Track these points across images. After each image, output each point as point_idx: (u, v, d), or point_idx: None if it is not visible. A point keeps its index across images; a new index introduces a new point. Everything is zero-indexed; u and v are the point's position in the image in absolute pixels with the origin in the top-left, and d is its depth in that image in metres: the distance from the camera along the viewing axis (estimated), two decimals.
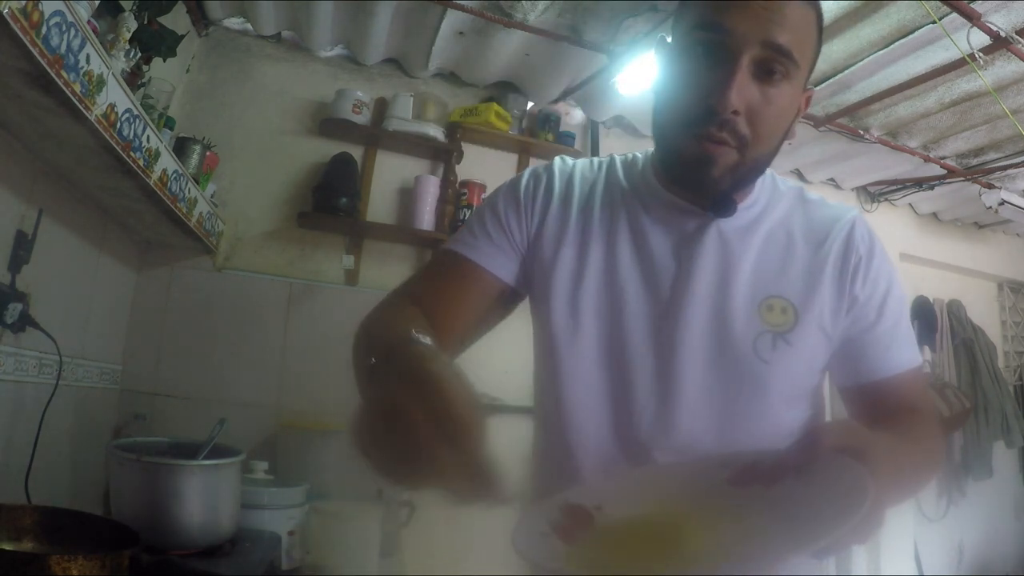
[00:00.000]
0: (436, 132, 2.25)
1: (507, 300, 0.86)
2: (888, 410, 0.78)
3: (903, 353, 0.80)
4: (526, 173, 0.89)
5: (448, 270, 0.84)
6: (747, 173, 0.75)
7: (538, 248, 0.84)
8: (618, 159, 0.91)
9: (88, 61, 0.93)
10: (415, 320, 0.71)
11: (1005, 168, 2.56)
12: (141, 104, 1.22)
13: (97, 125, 1.00)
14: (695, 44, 0.70)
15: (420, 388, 0.46)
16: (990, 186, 2.64)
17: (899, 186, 2.99)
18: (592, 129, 2.58)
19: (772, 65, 0.68)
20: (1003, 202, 2.52)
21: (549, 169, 0.88)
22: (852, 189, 3.08)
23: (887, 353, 0.79)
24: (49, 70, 0.83)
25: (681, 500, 0.60)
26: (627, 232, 0.82)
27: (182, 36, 1.44)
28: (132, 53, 1.27)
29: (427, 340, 0.56)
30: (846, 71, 2.02)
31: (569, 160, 0.91)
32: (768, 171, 0.85)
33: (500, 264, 0.83)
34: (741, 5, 0.67)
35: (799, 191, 0.87)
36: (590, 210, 0.84)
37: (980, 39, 1.72)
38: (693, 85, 0.70)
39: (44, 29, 0.80)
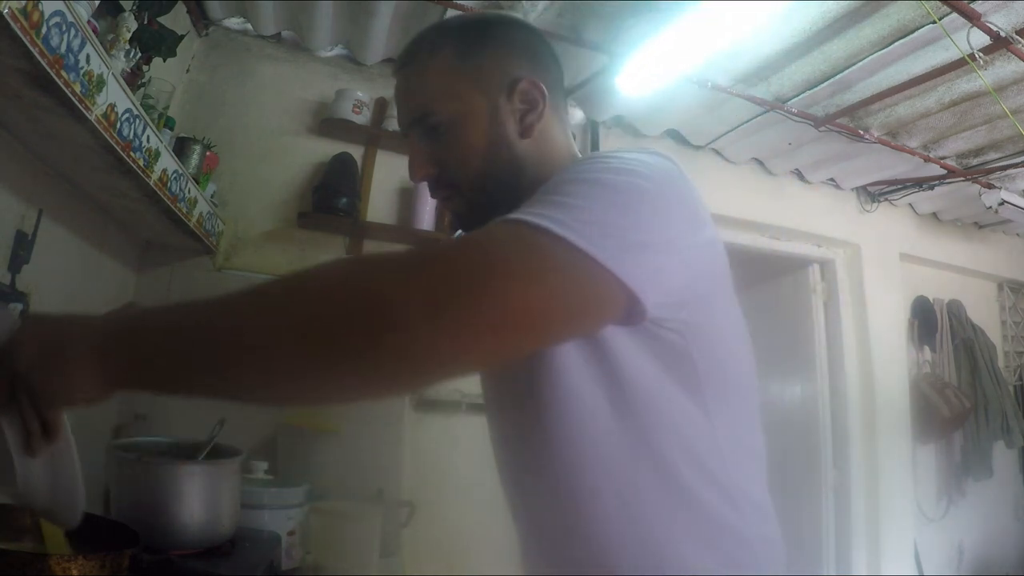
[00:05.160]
0: None
1: None
2: None
3: None
4: None
5: None
6: (490, 198, 0.77)
7: None
8: None
9: (88, 61, 0.93)
10: None
11: (1005, 168, 2.56)
12: (141, 104, 1.22)
13: (97, 125, 1.00)
14: None
15: None
16: (990, 186, 2.64)
17: (899, 186, 2.99)
18: (592, 129, 2.58)
19: (427, 128, 0.77)
20: (1003, 202, 2.52)
21: None
22: (852, 189, 3.08)
23: None
24: (49, 70, 0.83)
25: None
26: None
27: (182, 36, 1.44)
28: (132, 53, 1.27)
29: None
30: (846, 71, 2.02)
31: None
32: None
33: None
34: (399, 102, 0.81)
35: None
36: None
37: (980, 39, 1.72)
38: None
39: (44, 29, 0.80)
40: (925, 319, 3.25)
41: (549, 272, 0.55)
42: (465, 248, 0.58)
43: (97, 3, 1.06)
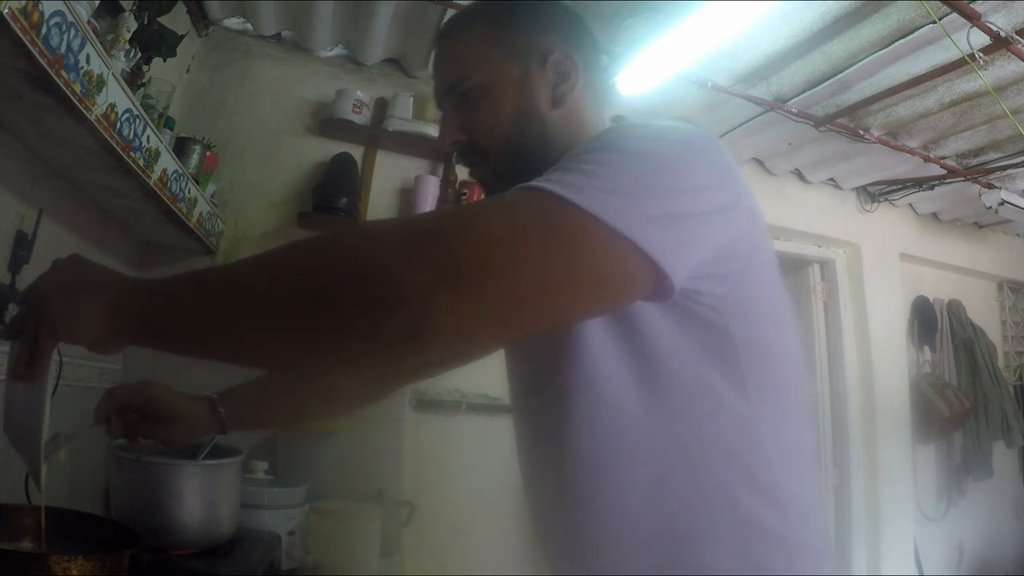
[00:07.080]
0: (436, 132, 2.25)
1: None
2: None
3: None
4: None
5: None
6: (513, 164, 0.76)
7: None
8: None
9: (88, 61, 0.93)
10: None
11: (1005, 168, 2.56)
12: (141, 104, 1.22)
13: (97, 125, 1.00)
14: None
15: None
16: (990, 186, 2.64)
17: (899, 186, 2.99)
18: None
19: (460, 95, 0.77)
20: (1003, 202, 2.52)
21: None
22: (852, 189, 3.08)
23: None
24: (49, 70, 0.83)
25: None
26: None
27: (182, 36, 1.44)
28: (132, 53, 1.27)
29: None
30: (846, 71, 2.02)
31: None
32: None
33: None
34: (435, 73, 0.81)
35: None
36: None
37: (980, 39, 1.72)
38: None
39: (44, 29, 0.80)
40: (925, 319, 3.25)
41: (566, 246, 0.50)
42: (477, 217, 0.53)
43: (97, 3, 1.06)
